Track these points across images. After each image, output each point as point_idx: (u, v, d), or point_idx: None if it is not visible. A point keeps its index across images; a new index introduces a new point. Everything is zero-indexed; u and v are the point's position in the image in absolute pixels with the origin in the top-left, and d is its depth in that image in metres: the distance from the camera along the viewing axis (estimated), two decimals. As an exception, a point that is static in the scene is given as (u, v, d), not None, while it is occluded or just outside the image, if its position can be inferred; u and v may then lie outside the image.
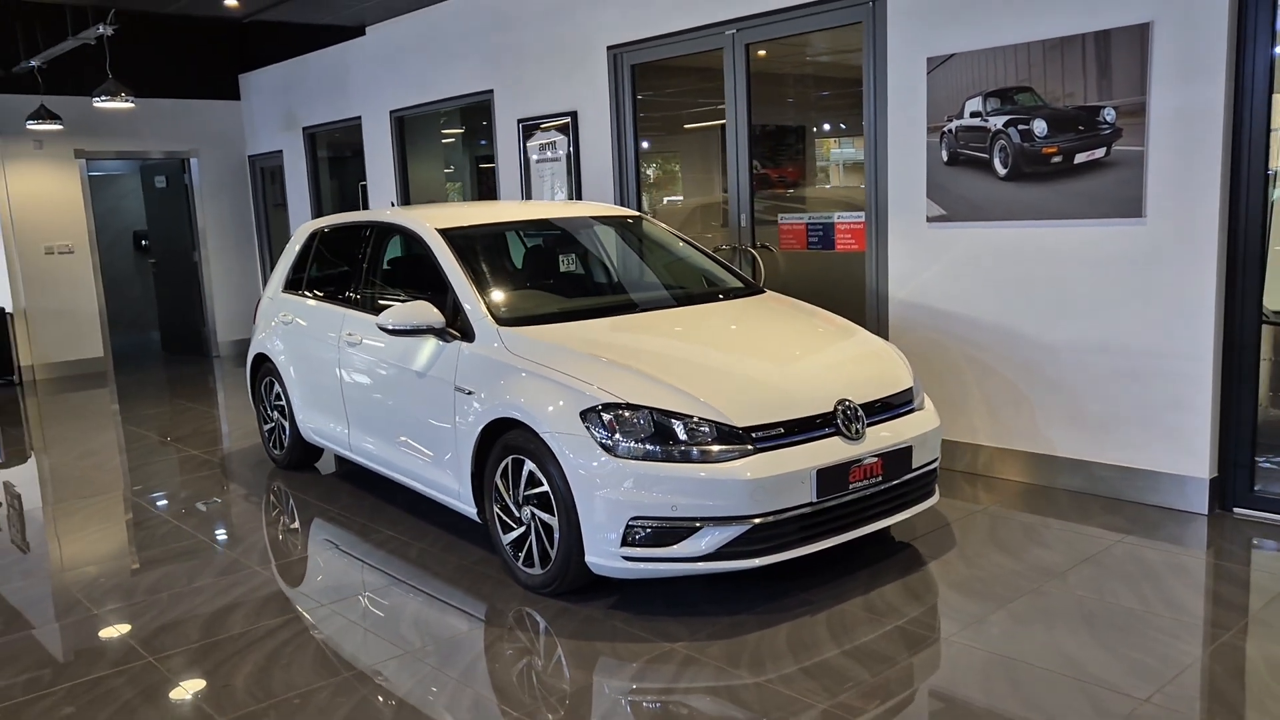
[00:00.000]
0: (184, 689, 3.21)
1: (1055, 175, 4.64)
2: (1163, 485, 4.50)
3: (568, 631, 3.51)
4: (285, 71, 10.26)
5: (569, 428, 3.59)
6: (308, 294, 5.55)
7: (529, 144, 7.47)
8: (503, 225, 5.02)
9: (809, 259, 5.93)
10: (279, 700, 3.11)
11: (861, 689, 2.99)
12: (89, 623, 3.79)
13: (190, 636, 3.61)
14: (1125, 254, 4.48)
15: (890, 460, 3.77)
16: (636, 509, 3.46)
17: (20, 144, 9.73)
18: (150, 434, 7.18)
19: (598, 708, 2.97)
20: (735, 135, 6.10)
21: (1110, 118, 4.45)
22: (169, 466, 6.19)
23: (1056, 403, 4.80)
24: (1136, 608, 3.48)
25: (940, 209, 5.09)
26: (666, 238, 5.24)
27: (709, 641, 3.37)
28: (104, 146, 10.26)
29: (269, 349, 5.77)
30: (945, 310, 5.15)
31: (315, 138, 10.10)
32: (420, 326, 4.24)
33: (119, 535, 4.86)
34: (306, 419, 5.49)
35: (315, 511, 5.07)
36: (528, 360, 3.88)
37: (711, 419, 3.51)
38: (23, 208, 9.78)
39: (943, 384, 5.21)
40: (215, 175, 11.01)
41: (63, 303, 10.06)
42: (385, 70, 8.82)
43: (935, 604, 3.58)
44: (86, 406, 8.45)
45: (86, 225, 10.17)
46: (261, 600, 3.93)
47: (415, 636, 3.53)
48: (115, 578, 4.26)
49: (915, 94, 5.11)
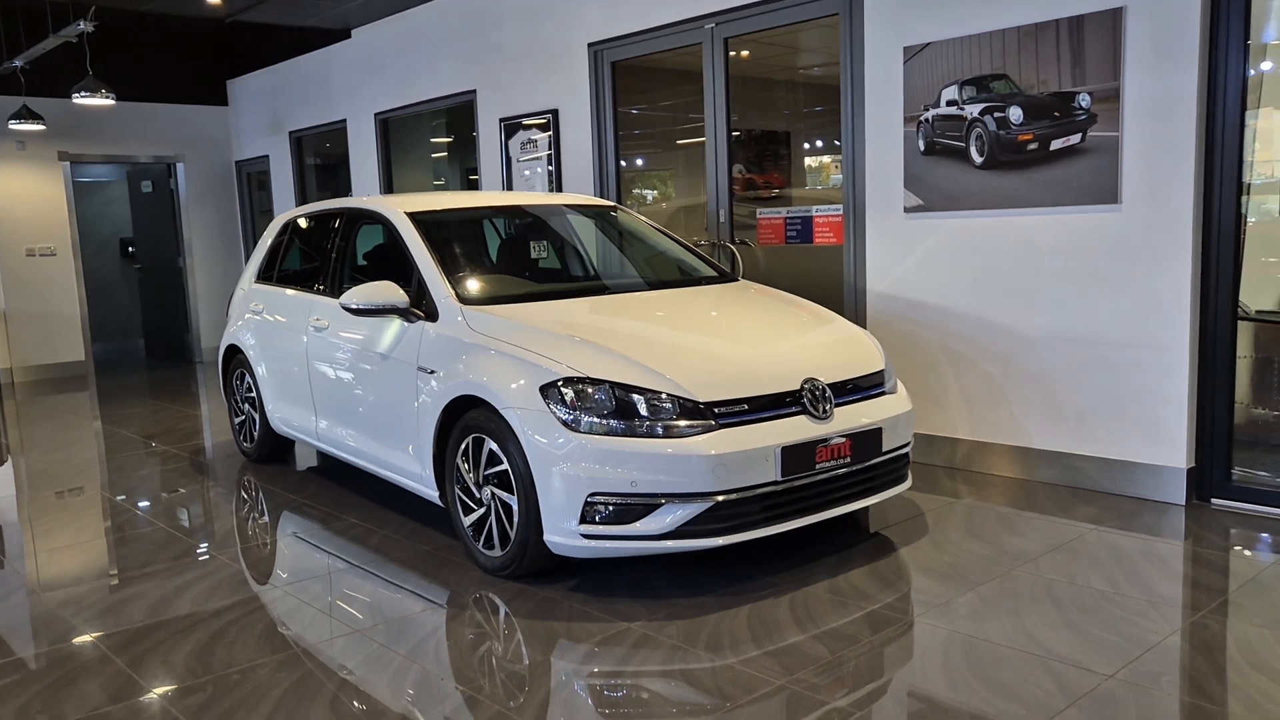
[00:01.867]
0: (121, 665, 3.11)
1: (1031, 163, 4.59)
2: (1140, 476, 4.42)
3: (523, 612, 3.41)
4: (272, 76, 10.24)
5: (529, 403, 3.51)
6: (278, 285, 5.48)
7: (510, 143, 7.44)
8: (473, 211, 4.96)
9: (788, 254, 5.87)
10: (218, 676, 3.01)
11: (820, 667, 2.90)
12: (32, 606, 3.69)
13: (134, 617, 3.51)
14: (1101, 242, 4.42)
15: (859, 441, 3.69)
16: (595, 485, 3.37)
17: (3, 145, 9.69)
18: (123, 431, 7.09)
19: (546, 683, 2.88)
20: (714, 131, 6.06)
21: (1085, 104, 4.40)
22: (136, 461, 6.09)
23: (1034, 395, 4.73)
24: (1107, 590, 3.39)
25: (917, 199, 5.04)
26: (642, 228, 5.19)
27: (667, 622, 3.27)
28: (88, 149, 10.22)
29: (240, 340, 5.69)
30: (923, 302, 5.09)
31: (301, 142, 10.07)
32: (383, 306, 4.17)
33: (74, 524, 4.76)
34: (276, 409, 5.41)
35: (280, 501, 4.98)
36: (490, 338, 3.81)
37: (673, 394, 3.44)
38: (4, 209, 9.73)
39: (921, 377, 5.14)
40: (201, 181, 10.97)
41: (44, 305, 9.99)
42: (369, 73, 8.80)
43: (902, 587, 3.49)
44: (62, 407, 8.36)
45: (69, 228, 10.11)
46: (214, 584, 3.83)
47: (366, 617, 3.43)
48: (63, 564, 4.16)
49: (892, 84, 5.07)
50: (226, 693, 2.89)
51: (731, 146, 6.07)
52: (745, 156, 7.77)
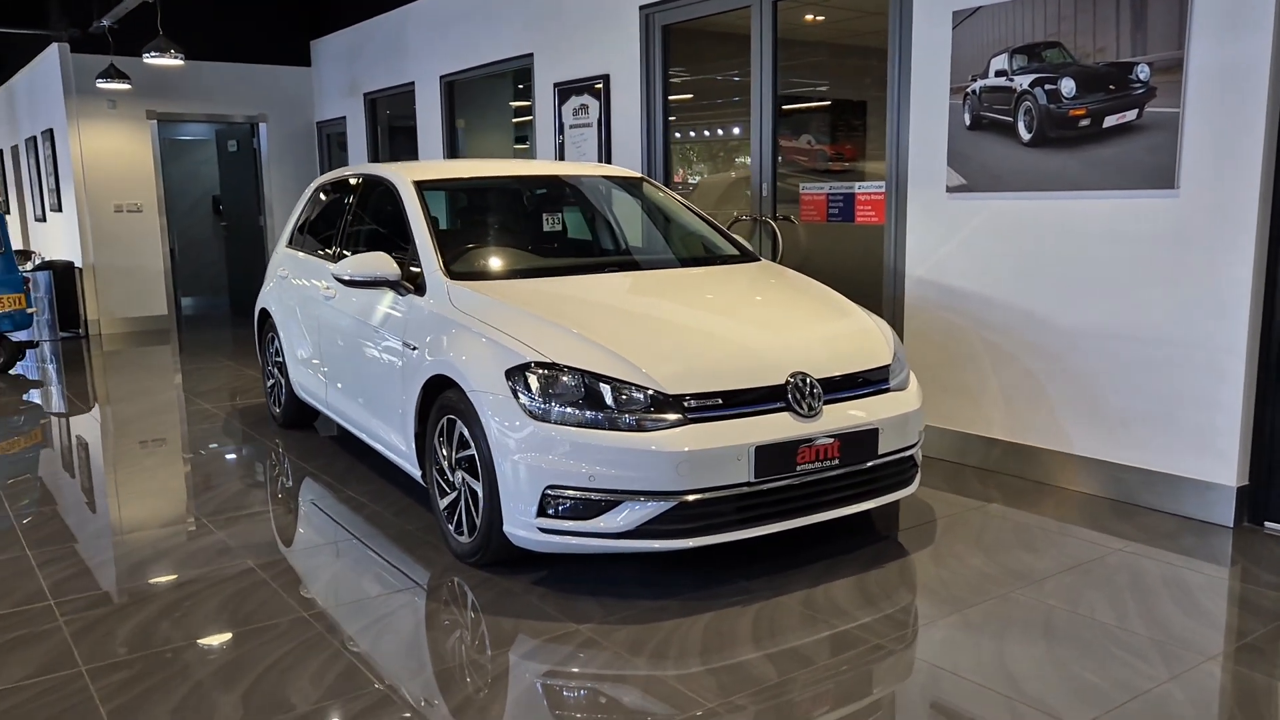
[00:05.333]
0: (65, 632, 3.09)
1: (1082, 141, 4.16)
2: (1185, 492, 3.99)
3: (477, 604, 3.27)
4: (351, 36, 10.27)
5: (493, 387, 3.34)
6: (302, 250, 5.44)
7: (563, 108, 7.24)
8: (486, 181, 4.80)
9: (830, 232, 5.54)
10: (151, 653, 2.96)
11: (758, 691, 2.67)
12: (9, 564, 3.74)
13: (98, 584, 3.51)
14: (1154, 230, 3.98)
15: (851, 442, 3.40)
16: (553, 477, 3.19)
17: (95, 103, 9.99)
18: (174, 388, 7.24)
19: (469, 686, 2.72)
20: (760, 100, 5.74)
21: (1144, 75, 3.95)
22: (176, 420, 6.19)
23: (1075, 395, 4.33)
24: (1110, 623, 3.04)
25: (960, 178, 4.65)
26: (666, 201, 4.94)
27: (619, 626, 3.08)
28: (175, 108, 10.46)
29: (268, 304, 5.69)
30: (963, 290, 4.71)
31: (375, 104, 10.09)
32: (374, 278, 4.06)
33: (78, 476, 4.84)
34: (296, 375, 5.40)
35: (288, 469, 4.96)
36: (468, 316, 3.65)
37: (641, 384, 3.22)
38: (95, 166, 10.05)
39: (958, 371, 4.77)
40: (283, 140, 11.13)
41: (130, 260, 10.32)
42: (437, 35, 8.72)
43: (883, 605, 3.21)
44: (138, 361, 8.61)
45: (156, 185, 10.39)
46: (187, 553, 3.81)
47: (320, 598, 3.34)
48: (55, 521, 4.21)
49: (939, 52, 4.68)
50: (154, 670, 2.83)
51: (777, 117, 5.74)
52: (816, 127, 7.40)
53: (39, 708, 2.65)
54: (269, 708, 2.62)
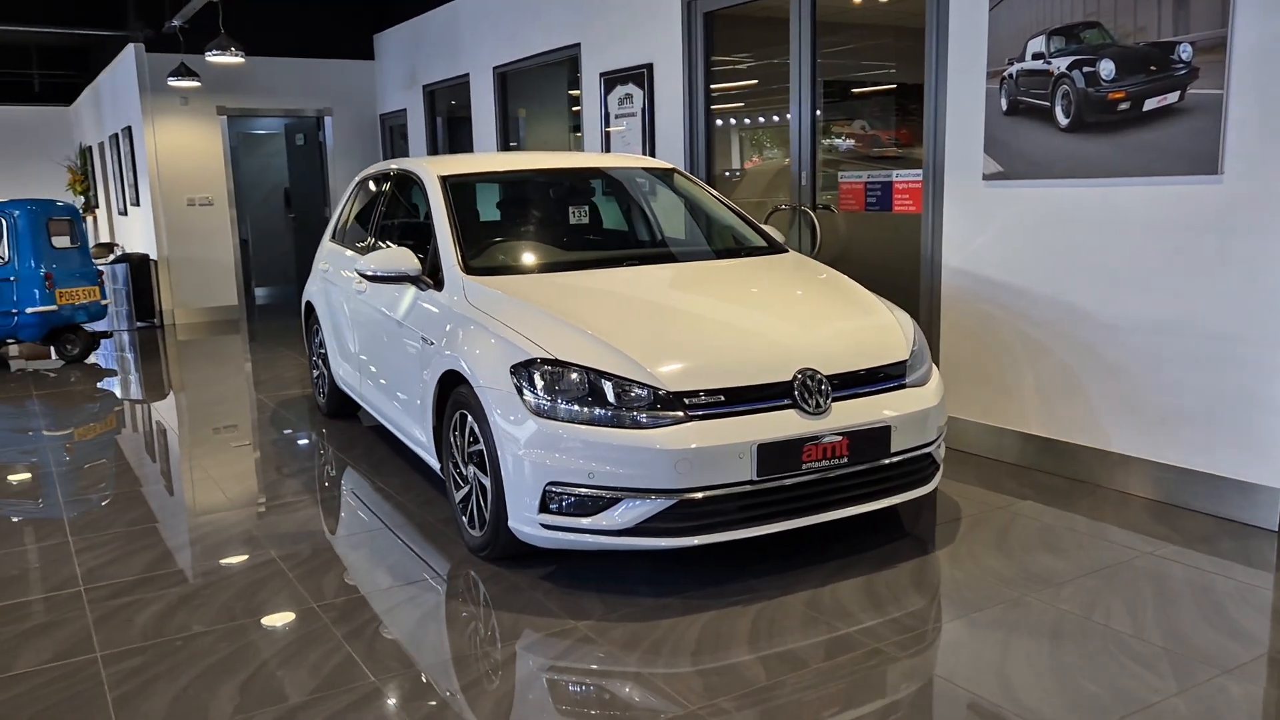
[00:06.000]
0: (89, 618, 3.21)
1: (1121, 125, 3.99)
2: (1227, 494, 3.81)
3: (481, 599, 3.30)
4: (410, 30, 10.41)
5: (498, 382, 3.36)
6: (342, 244, 5.54)
7: (609, 98, 7.22)
8: (513, 174, 4.81)
9: (869, 221, 5.42)
10: (163, 641, 3.05)
11: (744, 694, 2.63)
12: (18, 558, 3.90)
13: (129, 570, 3.64)
14: (1197, 218, 3.79)
15: (860, 440, 3.33)
16: (554, 473, 3.19)
17: (168, 100, 10.31)
18: (232, 379, 7.46)
19: (457, 680, 2.75)
20: (799, 86, 5.64)
21: (1186, 55, 3.76)
22: (227, 410, 6.37)
23: (1114, 390, 4.16)
24: (1124, 630, 2.92)
25: (997, 165, 4.50)
26: (696, 192, 4.89)
27: (617, 623, 3.07)
28: (244, 104, 10.74)
29: (313, 296, 5.81)
30: (1000, 280, 4.56)
31: (434, 95, 10.21)
32: (396, 273, 4.11)
33: (129, 464, 5.01)
34: (336, 366, 5.51)
35: (325, 459, 5.07)
36: (480, 311, 3.67)
37: (643, 381, 3.19)
38: (168, 161, 10.39)
39: (994, 364, 4.63)
40: (347, 133, 11.34)
41: (201, 252, 10.65)
42: (489, 26, 8.77)
43: (889, 608, 3.14)
44: (200, 350, 8.90)
45: (226, 179, 10.69)
46: (214, 543, 3.92)
47: (331, 589, 3.41)
48: (97, 508, 4.38)
49: (976, 34, 4.53)
50: (163, 658, 2.92)
51: (816, 103, 5.63)
52: (870, 112, 7.24)
53: (51, 692, 2.75)
54: (264, 699, 2.68)
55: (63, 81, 15.17)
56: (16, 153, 16.44)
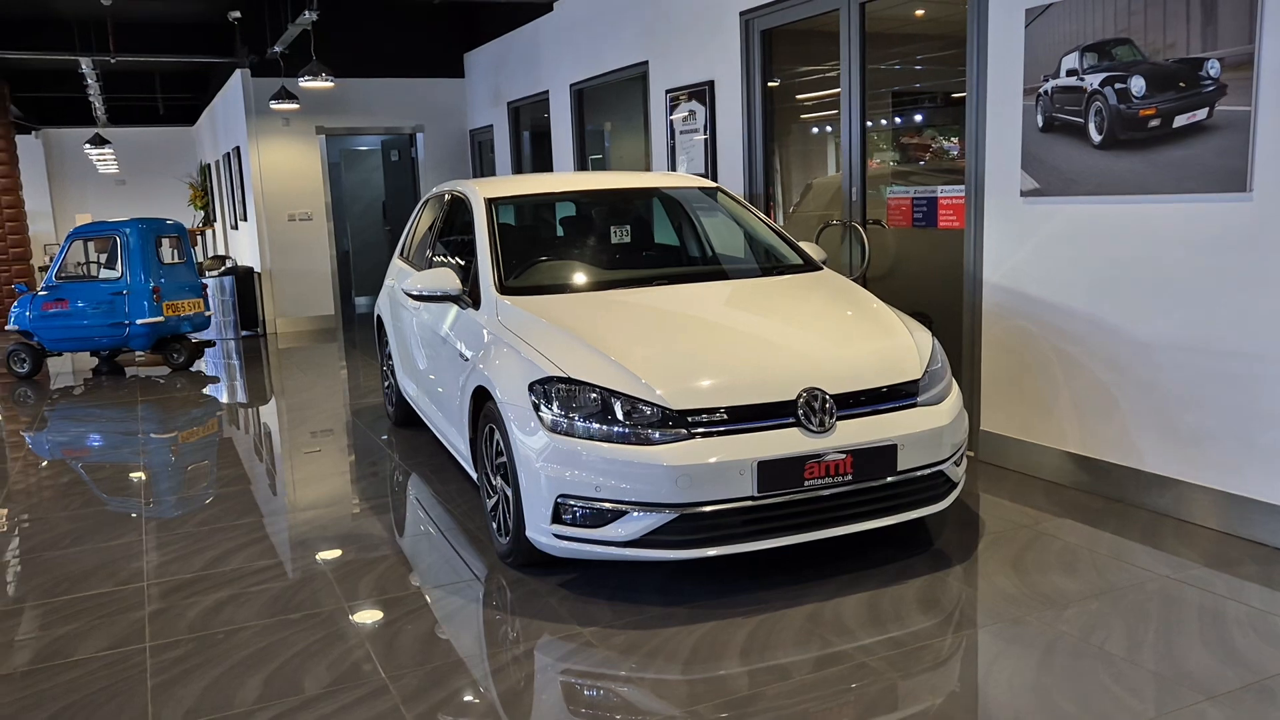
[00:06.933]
0: (146, 610, 3.53)
1: (1152, 142, 3.95)
2: (1257, 517, 3.73)
3: (500, 604, 3.49)
4: (497, 49, 10.76)
5: (518, 399, 3.55)
6: (404, 259, 5.85)
7: (673, 116, 7.38)
8: (557, 196, 5.01)
9: (916, 237, 5.43)
10: (207, 634, 3.34)
11: (723, 704, 2.75)
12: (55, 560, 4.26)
13: (190, 567, 3.96)
14: (1227, 236, 3.73)
15: (865, 458, 3.40)
16: (565, 486, 3.37)
17: (271, 121, 10.92)
18: (314, 389, 7.88)
19: (456, 678, 2.94)
20: (849, 103, 5.69)
21: (1214, 72, 3.71)
22: (304, 417, 6.76)
23: (1147, 409, 4.11)
24: (1118, 653, 2.93)
25: (1034, 182, 4.49)
26: (737, 210, 5.00)
27: (621, 630, 3.23)
28: (341, 123, 11.28)
29: (382, 310, 6.14)
30: (1037, 297, 4.54)
31: (518, 112, 10.54)
32: (438, 293, 4.35)
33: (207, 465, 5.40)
34: (401, 378, 5.81)
35: (388, 464, 5.37)
36: (508, 330, 3.87)
37: (648, 400, 3.34)
38: (271, 179, 10.99)
39: (1031, 381, 4.61)
40: (438, 149, 11.79)
41: (300, 265, 11.23)
42: (566, 44, 9.03)
43: (888, 625, 3.20)
44: (294, 359, 9.41)
45: (324, 195, 11.24)
46: (268, 545, 4.23)
47: (364, 592, 3.65)
48: (172, 508, 4.75)
49: (1013, 51, 4.52)
50: (207, 648, 3.21)
51: (864, 119, 5.67)
52: (941, 120, 7.21)
53: (99, 678, 3.06)
54: (283, 691, 2.93)
55: (185, 104, 16.14)
56: (145, 170, 17.59)
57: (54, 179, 17.55)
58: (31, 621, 3.51)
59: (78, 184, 17.76)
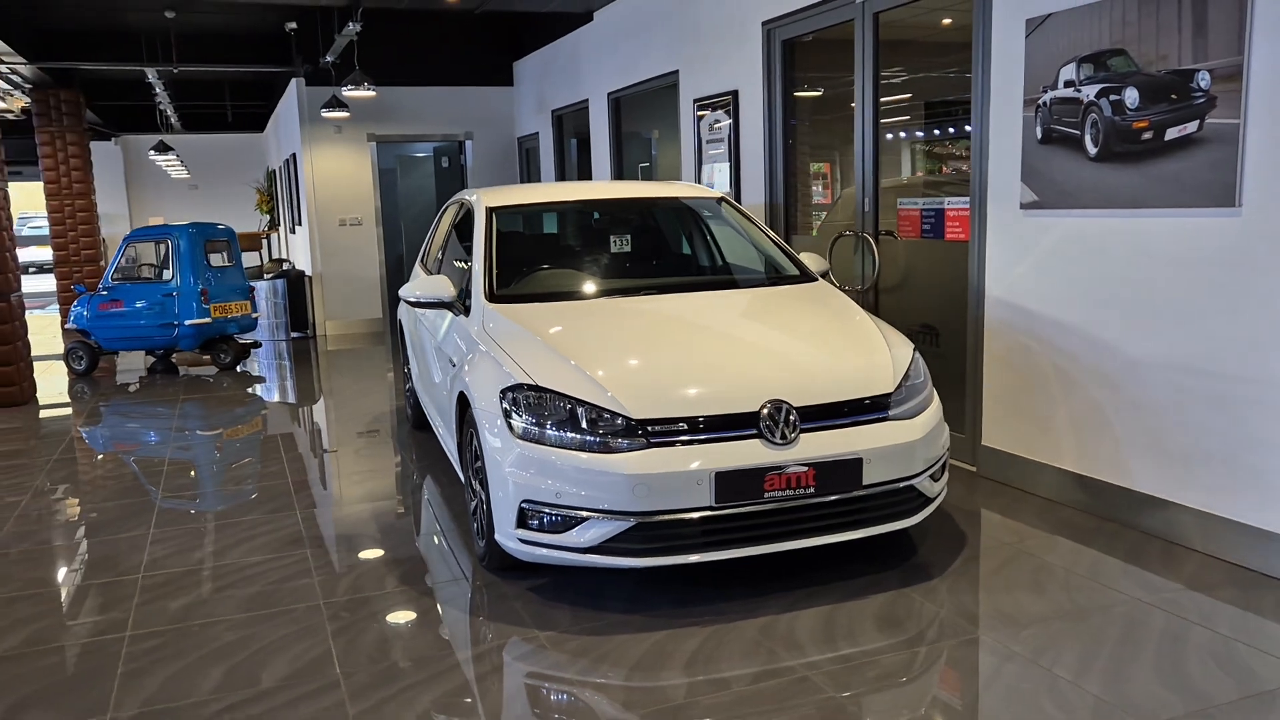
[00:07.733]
0: (134, 602, 3.69)
1: (1145, 155, 3.86)
2: (1243, 541, 3.62)
3: (465, 606, 3.57)
4: (542, 57, 10.91)
5: (490, 405, 3.63)
6: (422, 266, 5.98)
7: (700, 124, 7.41)
8: (559, 205, 5.08)
9: (924, 248, 5.37)
10: (184, 626, 3.48)
11: (654, 711, 2.78)
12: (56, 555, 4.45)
13: (185, 562, 4.12)
14: (1216, 253, 3.64)
15: (828, 471, 3.40)
16: (528, 492, 3.43)
17: (324, 129, 11.23)
18: (359, 387, 8.09)
19: (405, 675, 3.02)
20: (862, 114, 5.66)
21: (1204, 84, 3.62)
22: (328, 419, 6.95)
23: (1139, 428, 4.02)
24: (1063, 678, 2.88)
25: (1033, 194, 4.42)
26: (740, 222, 5.01)
27: (575, 636, 3.27)
28: (392, 131, 11.55)
29: (402, 316, 6.29)
30: (1036, 312, 4.47)
31: (561, 119, 10.66)
32: (434, 299, 4.45)
33: (194, 461, 5.60)
34: (415, 381, 5.94)
35: (399, 467, 5.49)
36: (488, 337, 3.96)
37: (608, 408, 3.39)
38: (323, 185, 11.30)
39: (1029, 396, 4.53)
40: (486, 155, 11.98)
41: (350, 269, 11.51)
42: (605, 53, 9.12)
43: (839, 643, 3.19)
44: (340, 361, 9.66)
45: (374, 201, 11.52)
46: (263, 542, 4.37)
47: (340, 589, 3.76)
48: (180, 501, 4.94)
49: (1014, 62, 4.46)
50: (180, 640, 3.35)
51: (878, 129, 5.63)
52: (959, 130, 7.11)
53: (76, 662, 3.22)
54: (242, 683, 3.04)
55: (254, 112, 16.68)
56: (214, 175, 18.22)
57: (131, 183, 18.29)
58: (29, 606, 3.70)
59: (154, 188, 18.49)
